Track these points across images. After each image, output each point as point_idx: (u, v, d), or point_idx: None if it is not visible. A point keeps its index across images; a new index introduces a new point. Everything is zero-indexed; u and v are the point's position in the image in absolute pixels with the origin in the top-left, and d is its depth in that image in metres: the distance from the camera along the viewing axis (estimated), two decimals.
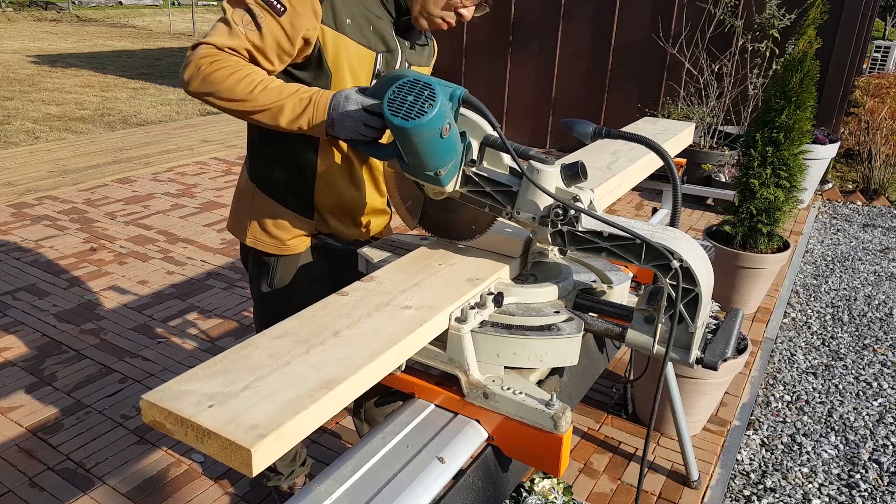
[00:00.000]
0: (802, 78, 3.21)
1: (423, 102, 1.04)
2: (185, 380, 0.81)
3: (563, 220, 1.10)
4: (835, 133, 5.92)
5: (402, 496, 0.93)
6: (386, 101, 1.07)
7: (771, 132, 3.29)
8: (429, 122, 1.03)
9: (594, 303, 1.26)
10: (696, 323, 1.06)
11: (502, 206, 1.16)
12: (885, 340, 3.58)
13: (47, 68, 11.96)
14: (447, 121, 1.06)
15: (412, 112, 1.04)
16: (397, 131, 1.07)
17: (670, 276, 1.05)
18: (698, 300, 1.05)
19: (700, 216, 5.38)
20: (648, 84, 6.48)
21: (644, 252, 1.07)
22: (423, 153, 1.08)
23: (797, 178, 3.34)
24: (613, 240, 1.10)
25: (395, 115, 1.05)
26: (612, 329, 1.15)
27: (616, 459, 2.50)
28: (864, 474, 2.53)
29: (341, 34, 1.41)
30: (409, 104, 1.05)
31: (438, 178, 1.13)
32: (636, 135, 1.19)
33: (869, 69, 9.82)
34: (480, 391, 1.07)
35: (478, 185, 1.17)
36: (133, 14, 25.64)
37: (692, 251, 1.07)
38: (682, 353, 1.09)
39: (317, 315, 1.00)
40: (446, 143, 1.09)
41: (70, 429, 2.55)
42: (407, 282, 1.14)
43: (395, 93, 1.07)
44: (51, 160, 6.26)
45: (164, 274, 3.93)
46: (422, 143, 1.06)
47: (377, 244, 1.44)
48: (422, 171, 1.13)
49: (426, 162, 1.10)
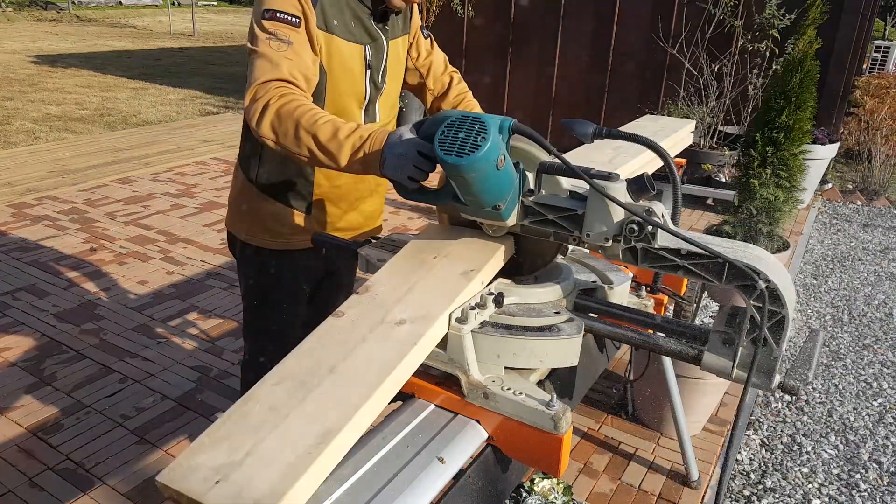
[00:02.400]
0: (802, 78, 3.21)
1: (475, 136, 1.02)
2: (192, 453, 0.82)
3: (638, 236, 1.05)
4: (835, 133, 5.92)
5: (402, 496, 0.93)
6: (437, 141, 1.05)
7: (771, 132, 3.29)
8: (483, 155, 1.01)
9: (594, 303, 1.26)
10: (780, 347, 1.00)
11: (569, 231, 1.12)
12: (885, 340, 3.58)
13: (47, 68, 11.96)
14: (501, 152, 1.05)
15: (465, 148, 1.02)
16: (452, 170, 1.05)
17: (754, 297, 0.99)
18: (784, 323, 1.00)
19: (700, 216, 5.38)
20: (648, 84, 6.48)
21: (726, 272, 1.01)
22: (481, 189, 1.06)
23: (797, 178, 3.34)
24: (691, 258, 1.04)
25: (448, 153, 1.03)
26: (687, 351, 1.10)
27: (616, 459, 2.50)
28: (864, 474, 2.53)
29: (332, 35, 1.45)
30: (462, 141, 1.03)
31: (499, 211, 1.11)
32: (636, 135, 1.19)
33: (869, 69, 9.82)
34: (480, 391, 1.07)
35: (539, 215, 1.14)
36: (133, 14, 25.64)
37: (777, 271, 1.01)
38: (764, 378, 1.03)
39: (314, 349, 1.00)
40: (503, 175, 1.07)
41: (70, 429, 2.55)
42: (402, 286, 1.13)
43: (445, 132, 1.05)
44: (51, 160, 6.26)
45: (164, 274, 3.93)
46: (479, 178, 1.04)
47: (377, 244, 1.44)
48: (481, 208, 1.11)
49: (485, 197, 1.08)
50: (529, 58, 7.02)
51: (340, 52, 1.48)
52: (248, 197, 1.68)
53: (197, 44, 17.46)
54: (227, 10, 29.36)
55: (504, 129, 1.07)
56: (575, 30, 6.69)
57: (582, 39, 6.68)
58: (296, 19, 1.37)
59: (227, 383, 2.86)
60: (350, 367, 0.95)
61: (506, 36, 7.04)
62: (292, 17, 1.37)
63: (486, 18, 7.04)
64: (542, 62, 6.96)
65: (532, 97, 7.11)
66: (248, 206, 1.69)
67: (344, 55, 1.49)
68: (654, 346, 1.12)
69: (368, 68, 1.55)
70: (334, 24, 1.45)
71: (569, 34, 6.73)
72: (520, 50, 7.05)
